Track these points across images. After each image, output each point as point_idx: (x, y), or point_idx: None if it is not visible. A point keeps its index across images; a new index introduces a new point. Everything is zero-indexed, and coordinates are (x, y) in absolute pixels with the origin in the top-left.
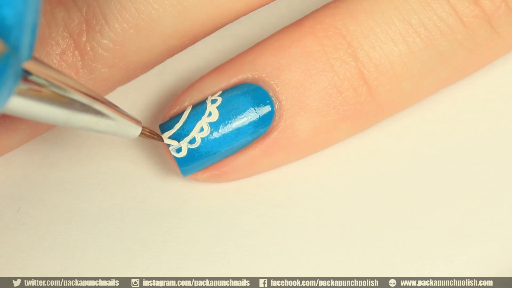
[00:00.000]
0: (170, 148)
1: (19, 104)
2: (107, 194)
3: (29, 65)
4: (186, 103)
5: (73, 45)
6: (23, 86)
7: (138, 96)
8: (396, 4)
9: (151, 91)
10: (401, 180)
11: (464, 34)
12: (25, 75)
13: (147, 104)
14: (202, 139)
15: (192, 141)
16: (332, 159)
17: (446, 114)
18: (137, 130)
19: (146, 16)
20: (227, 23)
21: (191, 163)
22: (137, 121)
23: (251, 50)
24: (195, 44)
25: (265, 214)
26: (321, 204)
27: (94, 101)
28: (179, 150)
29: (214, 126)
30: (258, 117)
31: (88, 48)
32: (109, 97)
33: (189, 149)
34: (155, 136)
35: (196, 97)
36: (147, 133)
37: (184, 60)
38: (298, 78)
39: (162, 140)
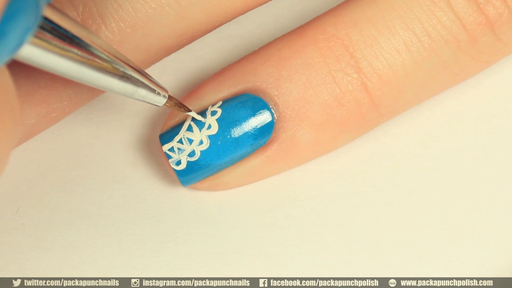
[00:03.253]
0: (170, 160)
1: (36, 53)
2: (107, 195)
3: (48, 13)
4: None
5: None
6: (42, 34)
7: None
8: (399, 13)
9: None
10: (401, 180)
11: (467, 42)
12: (44, 23)
13: (146, 104)
14: (202, 152)
15: (192, 154)
16: (332, 160)
17: (445, 115)
18: (164, 98)
19: (143, 15)
20: (225, 22)
21: (191, 175)
22: (163, 89)
23: (252, 60)
24: (194, 44)
25: (265, 214)
26: (321, 205)
27: (115, 59)
28: (178, 162)
29: (213, 139)
30: (258, 129)
31: None
32: (109, 96)
33: (188, 162)
34: (182, 108)
35: (195, 106)
36: (174, 102)
37: (183, 61)
38: (299, 90)
39: (190, 111)
